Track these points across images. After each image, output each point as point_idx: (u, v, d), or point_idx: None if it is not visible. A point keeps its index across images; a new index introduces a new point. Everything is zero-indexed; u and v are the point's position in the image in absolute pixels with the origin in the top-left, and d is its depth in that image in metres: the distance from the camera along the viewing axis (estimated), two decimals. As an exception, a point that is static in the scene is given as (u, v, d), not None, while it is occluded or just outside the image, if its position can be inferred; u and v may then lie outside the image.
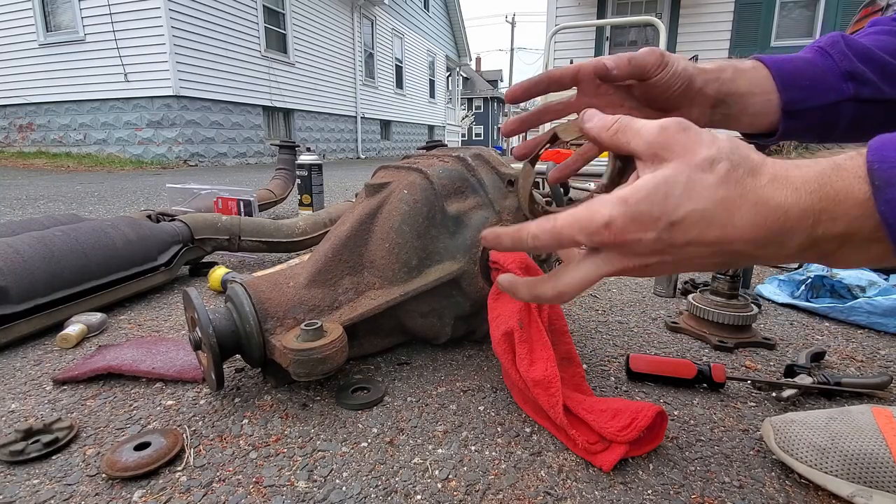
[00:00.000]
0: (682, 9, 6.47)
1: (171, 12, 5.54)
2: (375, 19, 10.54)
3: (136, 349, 0.72)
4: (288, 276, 0.67)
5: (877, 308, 0.85)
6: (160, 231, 1.08)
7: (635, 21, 5.34)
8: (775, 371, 0.72)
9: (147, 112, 5.86)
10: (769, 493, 0.46)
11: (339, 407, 0.61)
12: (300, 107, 8.08)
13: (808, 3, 6.16)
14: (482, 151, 0.78)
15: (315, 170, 1.92)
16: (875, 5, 1.43)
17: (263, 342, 0.61)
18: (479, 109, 31.12)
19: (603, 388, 0.66)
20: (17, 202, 2.56)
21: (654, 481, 0.48)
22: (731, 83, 0.42)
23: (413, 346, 0.79)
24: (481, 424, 0.57)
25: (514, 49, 24.83)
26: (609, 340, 0.83)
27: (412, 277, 0.68)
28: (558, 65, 2.31)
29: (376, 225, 0.70)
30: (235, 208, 1.60)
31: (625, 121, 0.31)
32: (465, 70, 22.56)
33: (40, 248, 0.84)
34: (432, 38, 14.28)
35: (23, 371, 0.70)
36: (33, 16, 6.09)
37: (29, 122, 6.53)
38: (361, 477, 0.48)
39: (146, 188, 3.35)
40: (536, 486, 0.47)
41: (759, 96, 0.42)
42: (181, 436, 0.53)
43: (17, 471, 0.49)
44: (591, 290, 1.12)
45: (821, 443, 0.46)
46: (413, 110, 13.09)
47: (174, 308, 0.98)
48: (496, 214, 0.72)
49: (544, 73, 0.43)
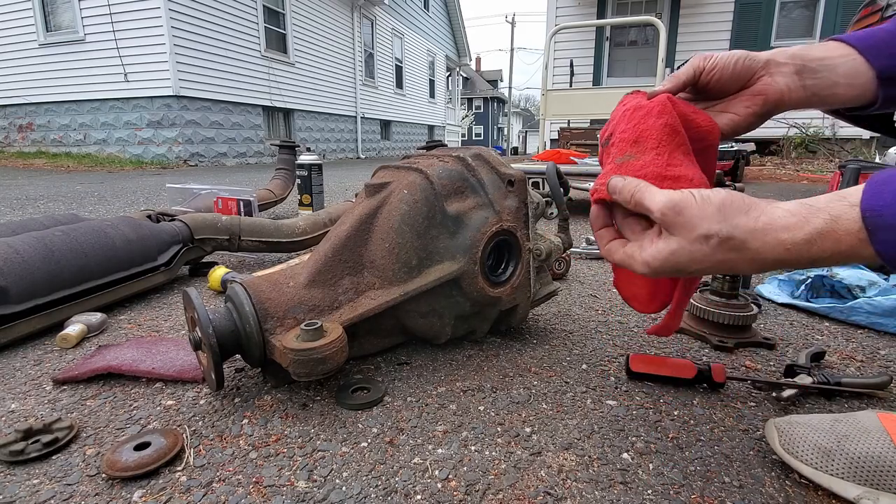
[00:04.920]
0: (682, 9, 6.47)
1: (171, 12, 5.53)
2: (375, 19, 10.53)
3: (136, 349, 0.72)
4: (288, 276, 0.67)
5: (877, 308, 0.85)
6: (160, 231, 1.08)
7: (635, 21, 5.35)
8: (775, 371, 0.72)
9: (147, 112, 5.86)
10: (769, 493, 0.46)
11: (339, 407, 0.61)
12: (300, 107, 8.08)
13: (807, 3, 6.16)
14: (482, 151, 0.78)
15: (315, 170, 1.92)
16: (875, 5, 1.43)
17: (263, 342, 0.61)
18: (479, 109, 31.12)
19: (603, 387, 0.66)
20: (17, 202, 2.56)
21: (654, 481, 0.48)
22: (802, 50, 0.44)
23: (413, 346, 0.79)
24: (481, 424, 0.57)
25: (514, 49, 24.80)
26: (609, 340, 0.83)
27: (412, 277, 0.68)
28: (558, 65, 2.32)
29: (376, 225, 0.70)
30: (235, 208, 1.60)
31: (639, 194, 0.39)
32: (465, 70, 22.55)
33: (40, 248, 0.84)
34: (432, 38, 14.28)
35: (23, 371, 0.70)
36: (33, 16, 6.09)
37: (29, 122, 6.53)
38: (361, 477, 0.48)
39: (146, 188, 3.35)
40: (536, 486, 0.47)
41: (839, 58, 0.43)
42: (181, 436, 0.53)
43: (17, 471, 0.49)
44: (591, 290, 1.12)
45: (826, 445, 0.46)
46: (413, 110, 13.09)
47: (174, 308, 0.98)
48: (496, 214, 0.72)
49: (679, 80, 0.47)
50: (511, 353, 0.77)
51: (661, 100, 0.44)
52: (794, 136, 5.74)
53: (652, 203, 0.38)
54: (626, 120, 0.45)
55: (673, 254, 0.37)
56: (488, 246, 0.72)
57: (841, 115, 0.53)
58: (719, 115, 0.46)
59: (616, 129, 0.46)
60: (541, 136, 3.55)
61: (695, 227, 0.35)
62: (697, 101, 0.48)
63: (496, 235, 0.72)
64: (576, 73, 6.97)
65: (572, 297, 1.06)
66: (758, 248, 0.34)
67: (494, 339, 0.82)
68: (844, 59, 0.43)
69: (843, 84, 0.43)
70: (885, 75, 0.42)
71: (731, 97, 0.46)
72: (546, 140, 3.55)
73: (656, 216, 0.38)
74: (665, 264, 0.37)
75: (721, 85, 0.46)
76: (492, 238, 0.72)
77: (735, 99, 0.46)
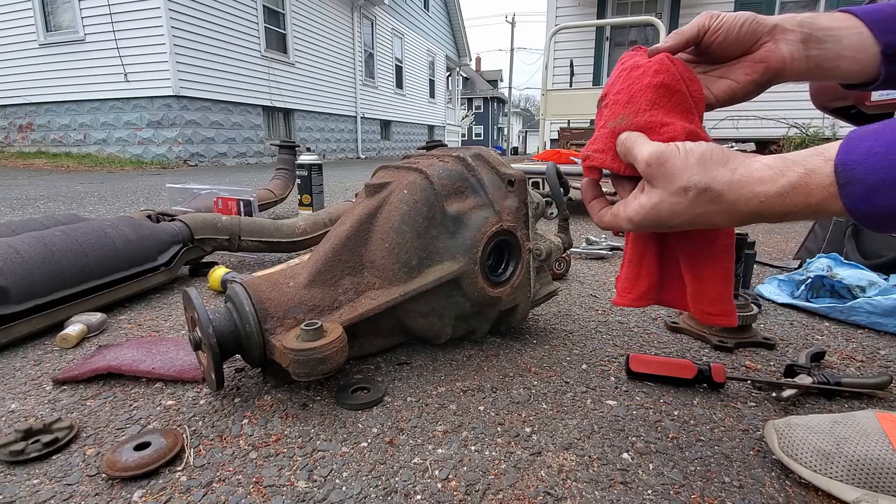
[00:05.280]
0: (682, 9, 6.46)
1: (171, 12, 5.53)
2: (375, 19, 10.54)
3: (136, 349, 0.72)
4: (288, 276, 0.67)
5: (877, 307, 0.85)
6: (160, 231, 1.08)
7: (635, 21, 5.35)
8: (775, 371, 0.72)
9: (147, 112, 5.86)
10: (769, 494, 0.46)
11: (339, 407, 0.61)
12: (300, 107, 8.08)
13: (807, 3, 6.16)
14: (482, 151, 0.78)
15: (315, 170, 1.92)
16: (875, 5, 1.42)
17: (263, 342, 0.61)
18: (479, 109, 31.12)
19: (603, 387, 0.66)
20: (17, 202, 2.56)
21: (654, 481, 0.48)
22: (810, 17, 0.42)
23: (413, 346, 0.79)
24: (481, 424, 0.57)
25: (514, 49, 24.80)
26: (609, 340, 0.83)
27: (412, 277, 0.68)
28: (558, 65, 2.32)
29: (376, 225, 0.70)
30: (235, 208, 1.60)
31: (629, 142, 0.41)
32: (465, 70, 22.55)
33: (40, 248, 0.84)
34: (432, 38, 14.28)
35: (23, 371, 0.70)
36: (33, 16, 6.09)
37: (29, 122, 6.53)
38: (361, 477, 0.48)
39: (146, 188, 3.35)
40: (536, 486, 0.47)
41: (846, 30, 0.42)
42: (181, 436, 0.53)
43: (17, 471, 0.49)
44: (591, 290, 1.12)
45: (825, 447, 0.46)
46: (413, 110, 13.09)
47: (174, 308, 0.98)
48: (496, 214, 0.72)
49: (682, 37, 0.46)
50: (511, 353, 0.77)
51: (659, 58, 0.43)
52: (795, 136, 5.74)
53: (640, 153, 0.39)
54: (622, 80, 0.44)
55: (654, 207, 0.38)
56: (488, 246, 0.72)
57: (841, 115, 0.52)
58: (717, 81, 0.45)
59: (611, 89, 0.45)
60: (541, 136, 3.55)
61: (675, 179, 0.36)
62: (699, 62, 0.46)
63: (496, 235, 0.72)
64: (576, 73, 6.97)
65: (572, 297, 1.06)
66: (734, 201, 0.35)
67: (494, 339, 0.82)
68: (851, 32, 0.41)
69: (847, 57, 0.42)
70: (891, 51, 0.41)
71: (732, 62, 0.44)
72: (546, 140, 3.55)
73: (641, 166, 0.39)
74: (647, 217, 0.39)
75: (724, 47, 0.43)
76: (492, 238, 0.72)
77: (736, 65, 0.44)
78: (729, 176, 0.35)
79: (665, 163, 0.37)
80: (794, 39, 0.42)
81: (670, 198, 0.37)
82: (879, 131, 0.32)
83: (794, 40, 0.42)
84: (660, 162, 0.37)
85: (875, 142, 0.31)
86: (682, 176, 0.36)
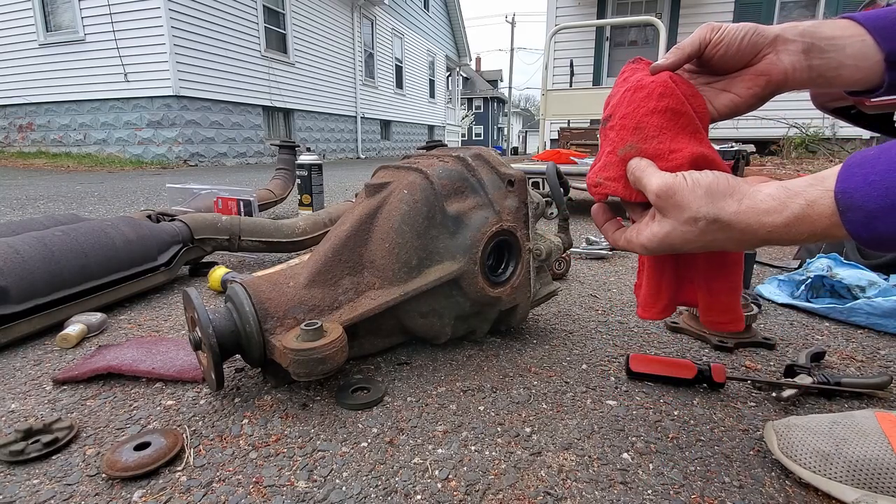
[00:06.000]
0: (682, 9, 6.47)
1: (171, 12, 5.54)
2: (375, 19, 10.54)
3: (136, 349, 0.72)
4: (288, 276, 0.67)
5: (876, 309, 0.85)
6: (160, 231, 1.08)
7: (635, 21, 5.34)
8: (775, 371, 0.72)
9: (147, 112, 5.86)
10: (769, 494, 0.46)
11: (339, 407, 0.61)
12: (300, 107, 8.08)
13: (808, 3, 6.15)
14: (482, 151, 0.78)
15: (315, 170, 1.92)
16: (875, 5, 1.43)
17: (263, 342, 0.61)
18: (479, 109, 31.13)
19: (603, 387, 0.66)
20: (17, 202, 2.56)
21: (654, 481, 0.48)
22: (813, 26, 0.42)
23: (413, 346, 0.79)
24: (481, 424, 0.57)
25: (514, 49, 24.80)
26: (609, 340, 0.83)
27: (412, 277, 0.68)
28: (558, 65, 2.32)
29: (376, 225, 0.70)
30: (235, 208, 1.60)
31: (639, 172, 0.42)
32: (465, 70, 22.55)
33: (40, 248, 0.84)
34: (432, 38, 14.28)
35: (23, 371, 0.70)
36: (33, 16, 6.09)
37: (29, 122, 6.53)
38: (361, 477, 0.48)
39: (146, 188, 3.35)
40: (536, 486, 0.47)
41: (849, 38, 0.41)
42: (181, 436, 0.53)
43: (17, 471, 0.49)
44: (591, 290, 1.12)
45: (825, 448, 0.46)
46: (413, 110, 13.09)
47: (174, 308, 0.98)
48: (496, 214, 0.72)
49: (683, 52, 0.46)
50: (511, 353, 0.77)
51: (662, 80, 0.43)
52: (795, 136, 5.74)
53: (649, 184, 0.40)
54: (627, 103, 0.44)
55: (667, 235, 0.40)
56: (488, 246, 0.72)
57: (841, 115, 0.52)
58: (720, 95, 0.45)
59: (616, 111, 0.45)
60: (541, 136, 3.55)
61: (684, 210, 0.38)
62: (700, 73, 0.47)
63: (496, 235, 0.72)
64: (576, 73, 6.97)
65: (572, 297, 1.06)
66: (742, 230, 0.37)
67: (494, 339, 0.82)
68: (854, 40, 0.41)
69: (850, 66, 0.42)
70: (894, 59, 0.41)
71: (734, 75, 0.45)
72: (546, 140, 3.55)
73: (652, 197, 0.40)
74: (661, 245, 0.41)
75: (725, 60, 0.44)
76: (492, 238, 0.72)
77: (737, 78, 0.44)
78: (735, 206, 0.36)
79: (674, 195, 0.39)
80: (796, 50, 0.42)
81: (681, 227, 0.39)
82: (875, 158, 0.33)
83: (796, 51, 0.42)
84: (669, 194, 0.39)
85: (871, 170, 0.32)
86: (690, 207, 0.38)
